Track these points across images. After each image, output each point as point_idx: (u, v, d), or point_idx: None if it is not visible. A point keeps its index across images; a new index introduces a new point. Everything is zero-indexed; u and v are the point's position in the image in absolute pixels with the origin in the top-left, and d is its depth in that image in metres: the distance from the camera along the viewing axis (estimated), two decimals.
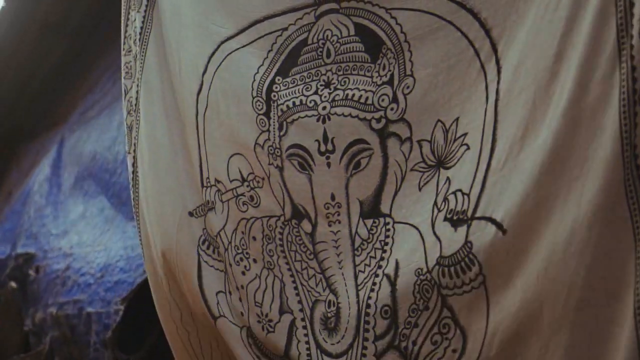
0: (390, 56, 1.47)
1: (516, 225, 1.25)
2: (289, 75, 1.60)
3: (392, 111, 1.46)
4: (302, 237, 1.60)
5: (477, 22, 1.35)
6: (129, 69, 1.96)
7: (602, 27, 1.15)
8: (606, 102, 1.14)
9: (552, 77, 1.22)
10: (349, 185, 1.52)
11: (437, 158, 1.41)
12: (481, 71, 1.34)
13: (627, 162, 1.12)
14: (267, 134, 1.62)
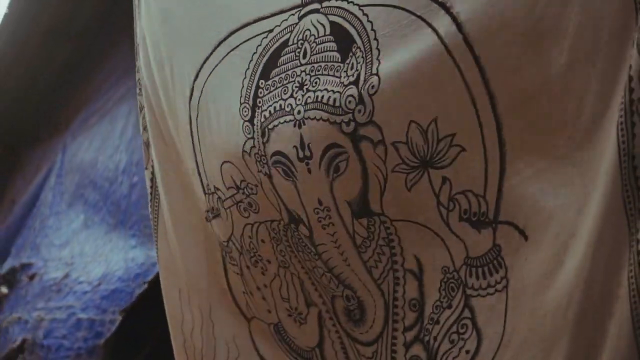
0: (359, 55, 1.42)
1: (535, 233, 1.25)
2: (269, 78, 1.58)
3: (360, 113, 1.41)
4: (303, 240, 1.60)
5: (448, 17, 1.29)
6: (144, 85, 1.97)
7: (624, 41, 1.12)
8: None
9: (565, 89, 1.19)
10: (333, 189, 1.49)
11: (421, 158, 1.37)
12: (455, 69, 1.29)
13: (624, 174, 1.11)
14: (252, 141, 1.60)
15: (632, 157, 1.10)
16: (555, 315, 1.20)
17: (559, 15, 1.18)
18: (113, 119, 3.38)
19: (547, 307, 1.22)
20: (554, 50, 1.18)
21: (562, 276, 1.19)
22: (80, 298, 2.74)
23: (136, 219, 2.87)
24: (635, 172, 1.10)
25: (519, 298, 1.28)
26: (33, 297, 3.06)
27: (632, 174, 1.10)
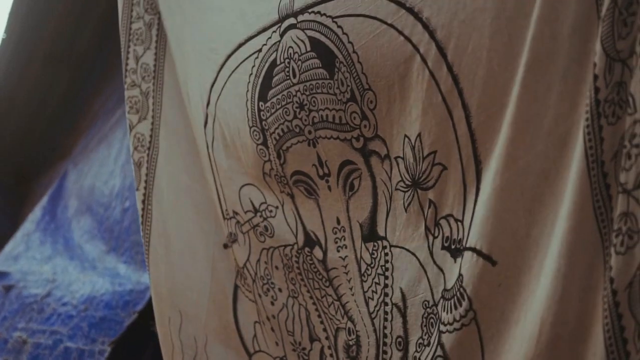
0: (344, 70, 1.42)
1: (505, 257, 1.17)
2: (268, 100, 1.59)
3: (366, 128, 1.42)
4: (315, 265, 1.59)
5: (419, 24, 1.27)
6: (134, 104, 2.00)
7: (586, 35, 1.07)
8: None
9: (526, 90, 1.13)
10: (349, 207, 1.50)
11: (412, 177, 1.35)
12: (432, 80, 1.27)
13: (594, 182, 1.05)
14: (269, 164, 1.62)
15: (601, 163, 1.04)
16: (530, 342, 1.12)
17: (526, 14, 1.13)
18: (109, 144, 3.38)
19: (525, 333, 1.14)
20: (517, 53, 1.14)
21: (536, 299, 1.12)
22: (67, 323, 2.70)
23: (128, 245, 2.86)
24: (605, 179, 1.04)
25: (496, 327, 1.20)
26: (12, 314, 3.00)
27: (602, 182, 1.04)
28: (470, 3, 1.20)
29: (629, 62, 1.00)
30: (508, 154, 1.15)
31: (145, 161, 1.95)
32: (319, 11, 1.45)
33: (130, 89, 2.01)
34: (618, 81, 1.01)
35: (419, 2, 1.27)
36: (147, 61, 1.96)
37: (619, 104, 1.01)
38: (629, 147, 0.98)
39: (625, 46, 1.00)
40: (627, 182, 0.98)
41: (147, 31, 1.98)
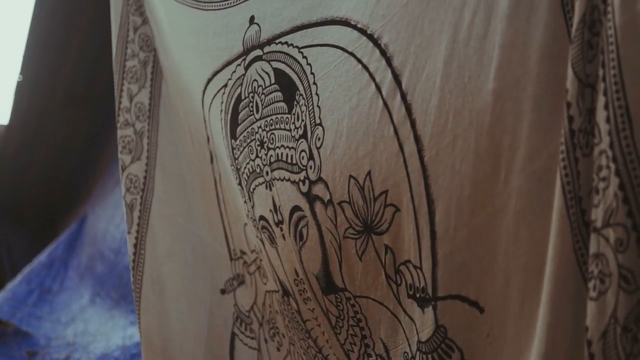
0: (302, 103, 1.35)
1: (493, 304, 1.10)
2: (237, 137, 1.54)
3: (311, 170, 1.34)
4: (295, 315, 1.53)
5: (377, 50, 1.20)
6: (127, 143, 1.96)
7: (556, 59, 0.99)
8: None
9: (495, 121, 1.05)
10: (301, 259, 1.42)
11: (363, 222, 1.26)
12: (385, 111, 1.19)
13: (573, 222, 0.97)
14: (246, 205, 1.57)
15: (579, 199, 0.96)
16: None
17: (482, 36, 1.06)
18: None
19: None
20: (480, 77, 1.07)
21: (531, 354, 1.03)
22: None
23: None
24: (584, 217, 0.96)
25: None
26: None
27: (581, 221, 0.96)
28: (427, 26, 1.13)
29: (598, 87, 0.92)
30: (483, 191, 1.08)
31: (139, 203, 1.91)
32: (286, 41, 1.40)
33: (122, 129, 1.97)
34: (589, 108, 0.94)
35: (379, 28, 1.21)
36: (142, 100, 1.93)
37: (591, 132, 0.94)
38: (597, 181, 0.91)
39: (593, 70, 0.93)
40: (596, 219, 0.90)
41: (142, 69, 1.95)
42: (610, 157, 0.89)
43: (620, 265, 0.88)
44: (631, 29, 0.88)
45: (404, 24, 1.16)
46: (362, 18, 1.24)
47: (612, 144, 0.89)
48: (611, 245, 0.88)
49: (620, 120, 0.89)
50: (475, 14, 1.06)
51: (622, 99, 0.89)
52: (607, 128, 0.89)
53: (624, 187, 0.88)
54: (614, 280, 0.88)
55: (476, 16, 1.06)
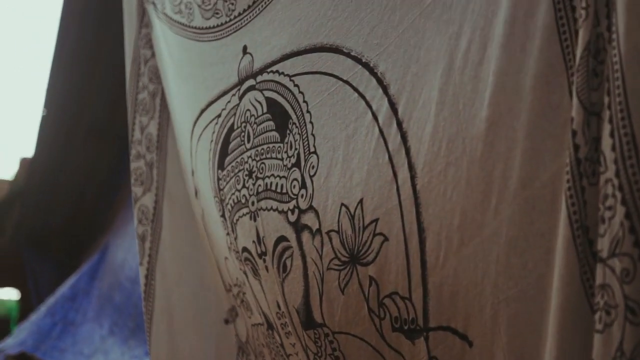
0: (296, 132, 1.31)
1: (481, 336, 1.04)
2: (224, 168, 1.50)
3: (302, 198, 1.29)
4: (279, 349, 1.47)
5: (374, 79, 1.17)
6: (139, 175, 1.97)
7: (550, 86, 0.95)
8: (562, 184, 0.94)
9: (488, 148, 1.00)
10: (284, 291, 1.36)
11: (349, 252, 1.21)
12: (380, 138, 1.15)
13: (581, 251, 0.93)
14: (229, 237, 1.53)
15: (585, 229, 0.92)
16: None
17: (478, 63, 1.02)
18: None
19: None
20: (474, 105, 1.03)
21: None
22: None
23: None
24: (592, 247, 0.91)
25: None
26: None
27: (588, 251, 0.91)
28: (423, 55, 1.10)
29: (603, 115, 0.89)
30: (473, 220, 1.02)
31: (149, 234, 1.90)
32: (277, 70, 1.36)
33: (135, 161, 1.98)
34: (594, 136, 0.89)
35: (375, 57, 1.17)
36: (151, 131, 1.93)
37: (597, 161, 0.91)
38: (603, 210, 0.86)
39: (598, 98, 0.89)
40: (602, 249, 0.86)
41: (151, 101, 1.94)
42: (616, 185, 0.85)
43: (627, 296, 0.82)
44: (636, 57, 0.84)
45: (400, 52, 1.13)
46: (355, 46, 1.21)
47: (618, 173, 0.85)
48: (617, 276, 0.83)
49: (627, 148, 0.84)
50: (471, 42, 1.03)
51: (627, 126, 0.85)
52: (612, 156, 0.85)
53: (630, 216, 0.83)
54: (620, 312, 0.83)
55: (472, 44, 1.03)
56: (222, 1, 1.53)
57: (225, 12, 1.53)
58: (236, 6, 1.49)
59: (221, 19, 1.54)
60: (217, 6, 1.55)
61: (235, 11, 1.49)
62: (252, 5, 1.45)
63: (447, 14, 1.07)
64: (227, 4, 1.52)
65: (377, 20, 1.18)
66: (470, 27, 1.03)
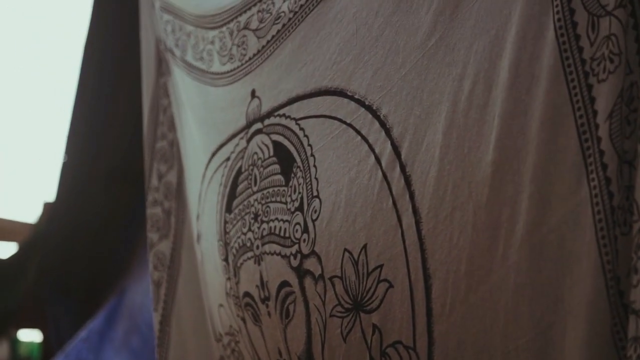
0: (300, 175, 1.28)
1: None
2: (232, 211, 1.48)
3: (305, 243, 1.25)
4: None
5: (377, 122, 1.14)
6: (156, 222, 1.96)
7: (556, 128, 0.92)
8: (576, 225, 0.90)
9: (495, 193, 0.97)
10: (286, 337, 1.32)
11: (353, 299, 1.16)
12: (384, 182, 1.12)
13: (612, 302, 0.87)
14: (229, 282, 1.49)
15: (617, 279, 0.87)
16: None
17: (483, 106, 0.99)
18: None
19: None
20: (480, 148, 0.99)
21: None
22: None
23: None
24: (622, 299, 0.87)
25: None
26: None
27: (619, 303, 0.87)
28: (427, 97, 1.07)
29: (636, 164, 0.85)
30: (481, 266, 0.98)
31: (165, 280, 1.88)
32: (284, 114, 1.35)
33: (151, 207, 1.98)
34: (627, 185, 0.87)
35: (378, 99, 1.15)
36: (171, 179, 1.91)
37: (629, 210, 0.86)
38: (635, 260, 0.82)
39: (630, 146, 0.87)
40: (635, 300, 0.81)
41: (170, 150, 1.93)
42: None
43: None
44: None
45: (403, 95, 1.11)
46: (359, 89, 1.19)
47: None
48: None
49: None
50: (475, 84, 1.00)
51: None
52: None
53: None
54: None
55: (476, 86, 1.00)
56: (236, 47, 1.53)
57: (237, 57, 1.53)
58: (247, 51, 1.49)
59: (234, 63, 1.54)
60: (232, 51, 1.55)
61: (246, 56, 1.49)
62: (261, 49, 1.44)
63: (450, 56, 1.05)
64: (239, 49, 1.52)
65: (380, 62, 1.16)
66: (474, 69, 1.01)
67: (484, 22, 1.01)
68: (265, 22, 1.42)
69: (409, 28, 1.11)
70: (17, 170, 5.46)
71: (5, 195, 5.48)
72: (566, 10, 0.91)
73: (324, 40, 1.27)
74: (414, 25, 1.10)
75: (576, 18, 0.91)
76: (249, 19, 1.48)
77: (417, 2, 1.10)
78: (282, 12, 1.38)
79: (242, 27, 1.50)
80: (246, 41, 1.48)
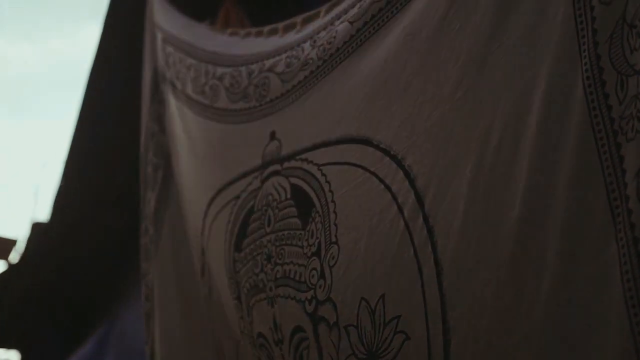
0: (318, 220, 1.26)
1: None
2: (241, 250, 1.44)
3: (321, 289, 1.21)
4: None
5: (401, 171, 1.12)
6: (146, 251, 1.91)
7: (585, 186, 0.89)
8: (603, 284, 0.88)
9: (520, 248, 0.94)
10: None
11: (368, 349, 1.12)
12: (406, 232, 1.08)
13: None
14: (242, 321, 1.45)
15: None
16: None
17: (509, 162, 0.97)
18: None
19: None
20: (506, 204, 0.97)
21: None
22: None
23: None
24: None
25: None
26: None
27: None
28: (452, 149, 1.05)
29: None
30: (503, 323, 0.95)
31: (152, 312, 1.83)
32: (306, 158, 1.33)
33: (143, 237, 1.93)
34: None
35: (403, 149, 1.13)
36: (152, 204, 1.86)
37: None
38: None
39: None
40: None
41: (154, 174, 1.90)
42: None
43: None
44: None
45: (429, 145, 1.09)
46: (384, 138, 1.17)
47: None
48: None
49: None
50: (502, 139, 0.98)
51: None
52: None
53: None
54: None
55: (503, 140, 0.98)
56: (254, 87, 1.52)
57: (255, 97, 1.51)
58: (268, 93, 1.47)
59: (250, 103, 1.52)
60: (247, 91, 1.53)
61: (267, 97, 1.47)
62: (285, 93, 1.43)
63: (477, 109, 1.03)
64: (258, 89, 1.50)
65: (407, 113, 1.14)
66: (502, 123, 0.99)
67: (512, 76, 0.99)
68: (292, 67, 1.41)
69: (437, 80, 1.10)
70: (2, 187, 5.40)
71: None
72: (595, 68, 0.89)
73: (353, 90, 1.26)
74: (442, 77, 1.09)
75: (605, 77, 0.89)
76: (275, 62, 1.47)
77: (445, 55, 1.09)
78: (310, 59, 1.37)
79: (265, 69, 1.49)
80: (268, 83, 1.47)
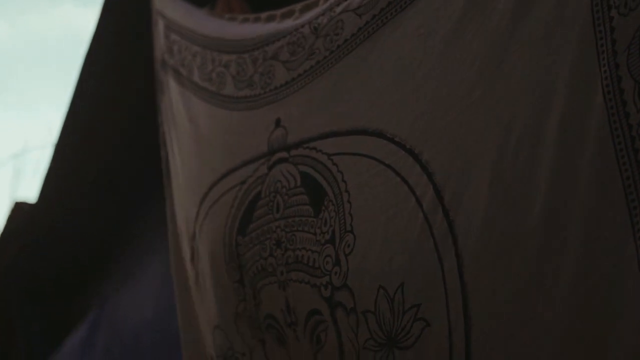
0: (332, 209, 1.26)
1: None
2: (246, 234, 1.45)
3: (336, 276, 1.23)
4: None
5: (418, 165, 1.12)
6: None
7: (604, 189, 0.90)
8: (621, 281, 0.88)
9: (540, 245, 0.96)
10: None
11: (387, 335, 1.14)
12: (425, 224, 1.10)
13: None
14: (244, 304, 1.46)
15: None
16: None
17: (531, 160, 0.98)
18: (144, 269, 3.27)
19: None
20: (527, 201, 0.98)
21: None
22: None
23: None
24: None
25: None
26: None
27: None
28: (471, 147, 1.06)
29: None
30: (524, 312, 0.97)
31: None
32: (314, 147, 1.33)
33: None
34: None
35: (420, 145, 1.13)
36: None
37: None
38: None
39: None
40: None
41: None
42: None
43: None
44: None
45: (446, 143, 1.09)
46: (399, 132, 1.17)
47: None
48: None
49: None
50: (522, 138, 0.99)
51: None
52: None
53: None
54: None
55: (523, 140, 0.99)
56: (259, 75, 1.51)
57: (260, 85, 1.51)
58: (273, 80, 1.47)
59: (255, 90, 1.52)
60: (253, 79, 1.53)
61: (272, 85, 1.47)
62: (290, 81, 1.43)
63: (496, 108, 1.04)
64: (264, 77, 1.50)
65: (422, 109, 1.15)
66: (521, 123, 1.00)
67: (530, 79, 1.00)
68: (297, 55, 1.41)
69: (452, 81, 1.10)
70: None
71: None
72: (614, 76, 0.91)
73: (364, 83, 1.26)
74: (457, 78, 1.09)
75: (623, 85, 0.90)
76: (277, 50, 1.46)
77: (460, 59, 1.09)
78: (316, 49, 1.37)
79: (269, 57, 1.49)
80: (273, 71, 1.47)
